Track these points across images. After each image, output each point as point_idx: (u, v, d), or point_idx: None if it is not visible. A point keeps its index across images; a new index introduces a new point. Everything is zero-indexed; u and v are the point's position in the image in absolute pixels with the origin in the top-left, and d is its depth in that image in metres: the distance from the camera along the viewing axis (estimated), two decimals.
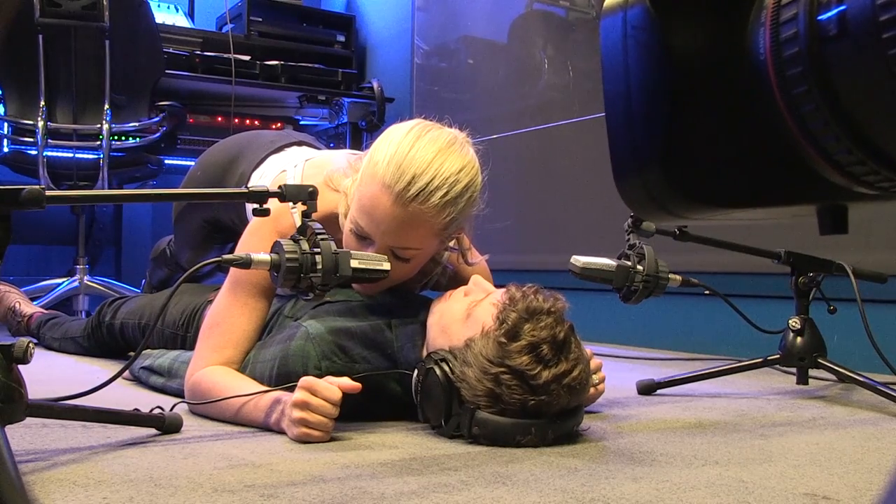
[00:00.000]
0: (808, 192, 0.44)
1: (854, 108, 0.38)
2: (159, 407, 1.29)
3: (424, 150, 1.33)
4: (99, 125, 3.04)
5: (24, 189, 0.94)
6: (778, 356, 1.77)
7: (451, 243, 1.50)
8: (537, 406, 1.21)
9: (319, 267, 1.16)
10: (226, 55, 3.65)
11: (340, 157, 1.59)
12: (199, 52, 3.66)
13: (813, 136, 0.41)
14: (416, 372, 1.32)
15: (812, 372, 1.83)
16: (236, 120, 3.81)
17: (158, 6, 3.91)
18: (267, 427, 1.31)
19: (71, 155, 3.11)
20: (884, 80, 0.36)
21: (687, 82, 0.45)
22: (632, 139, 0.47)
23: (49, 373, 1.96)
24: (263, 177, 1.78)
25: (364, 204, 1.36)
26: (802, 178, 0.43)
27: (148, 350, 1.81)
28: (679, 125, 0.45)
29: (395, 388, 1.39)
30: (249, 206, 1.19)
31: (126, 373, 1.30)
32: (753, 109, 0.43)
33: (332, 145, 4.23)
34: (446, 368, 1.25)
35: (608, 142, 0.48)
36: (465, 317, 1.30)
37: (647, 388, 1.81)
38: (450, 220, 1.36)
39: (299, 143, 1.92)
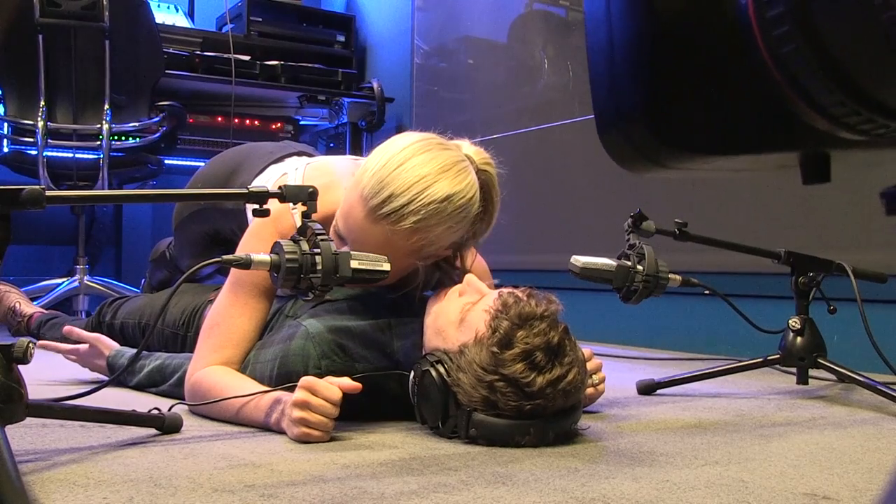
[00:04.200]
0: (791, 138, 0.44)
1: (834, 47, 0.38)
2: (156, 408, 1.29)
3: (411, 172, 1.29)
4: (99, 125, 3.04)
5: (24, 189, 0.95)
6: (778, 356, 1.77)
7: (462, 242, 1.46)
8: (533, 410, 1.21)
9: (319, 267, 1.15)
10: (226, 55, 3.65)
11: (342, 162, 1.59)
12: (199, 52, 3.66)
13: (794, 77, 0.41)
14: (412, 373, 1.32)
15: (812, 372, 1.83)
16: (236, 120, 3.81)
17: (158, 6, 3.91)
18: (267, 427, 1.31)
19: (71, 155, 3.11)
20: (863, 19, 0.36)
21: (669, 32, 0.45)
22: (615, 90, 0.47)
23: (49, 373, 1.96)
24: (266, 184, 1.77)
25: (344, 208, 1.35)
26: (784, 124, 0.43)
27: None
28: (662, 75, 0.45)
29: (395, 388, 1.39)
30: (251, 215, 1.18)
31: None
32: (735, 56, 0.43)
33: (332, 145, 4.24)
34: (442, 370, 1.25)
35: (591, 94, 0.49)
36: (459, 321, 1.29)
37: (647, 388, 1.81)
38: (420, 245, 1.33)
39: (299, 154, 1.91)
